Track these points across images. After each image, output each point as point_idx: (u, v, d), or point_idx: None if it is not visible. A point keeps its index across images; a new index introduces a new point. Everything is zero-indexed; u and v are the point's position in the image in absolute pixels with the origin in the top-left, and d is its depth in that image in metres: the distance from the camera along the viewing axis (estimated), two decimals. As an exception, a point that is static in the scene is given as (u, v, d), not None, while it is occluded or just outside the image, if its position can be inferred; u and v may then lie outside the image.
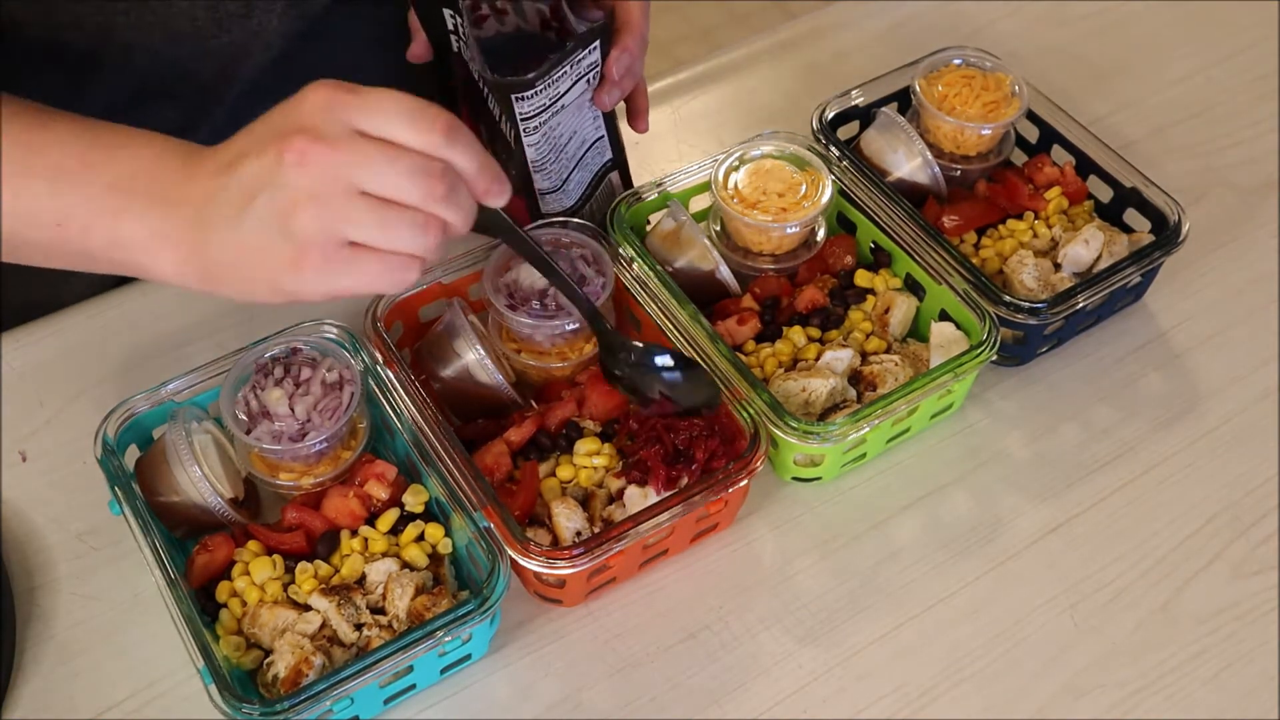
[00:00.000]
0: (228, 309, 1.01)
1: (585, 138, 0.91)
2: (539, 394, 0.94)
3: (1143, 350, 1.01)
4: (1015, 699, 0.84)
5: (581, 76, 0.87)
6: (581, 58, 0.85)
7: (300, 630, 0.80)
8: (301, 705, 0.74)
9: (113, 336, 0.99)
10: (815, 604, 0.87)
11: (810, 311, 0.96)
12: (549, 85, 0.86)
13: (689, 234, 0.98)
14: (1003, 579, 0.89)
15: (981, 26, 1.25)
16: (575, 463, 0.87)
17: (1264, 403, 0.98)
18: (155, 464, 0.85)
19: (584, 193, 0.94)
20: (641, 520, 0.82)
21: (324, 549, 0.84)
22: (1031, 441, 0.96)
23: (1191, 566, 0.89)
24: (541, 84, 0.86)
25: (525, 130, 0.87)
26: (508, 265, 0.93)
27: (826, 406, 0.91)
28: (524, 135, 0.88)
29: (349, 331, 0.90)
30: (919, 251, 0.96)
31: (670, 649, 0.85)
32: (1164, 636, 0.86)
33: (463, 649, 0.82)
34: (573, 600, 0.86)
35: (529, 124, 0.87)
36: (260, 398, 0.85)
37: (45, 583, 0.87)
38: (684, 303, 0.92)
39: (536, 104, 0.85)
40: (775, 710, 0.83)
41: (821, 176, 0.99)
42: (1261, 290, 1.05)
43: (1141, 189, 1.01)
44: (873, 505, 0.92)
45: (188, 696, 0.82)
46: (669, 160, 1.12)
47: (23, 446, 0.93)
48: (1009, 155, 1.07)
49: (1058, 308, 0.93)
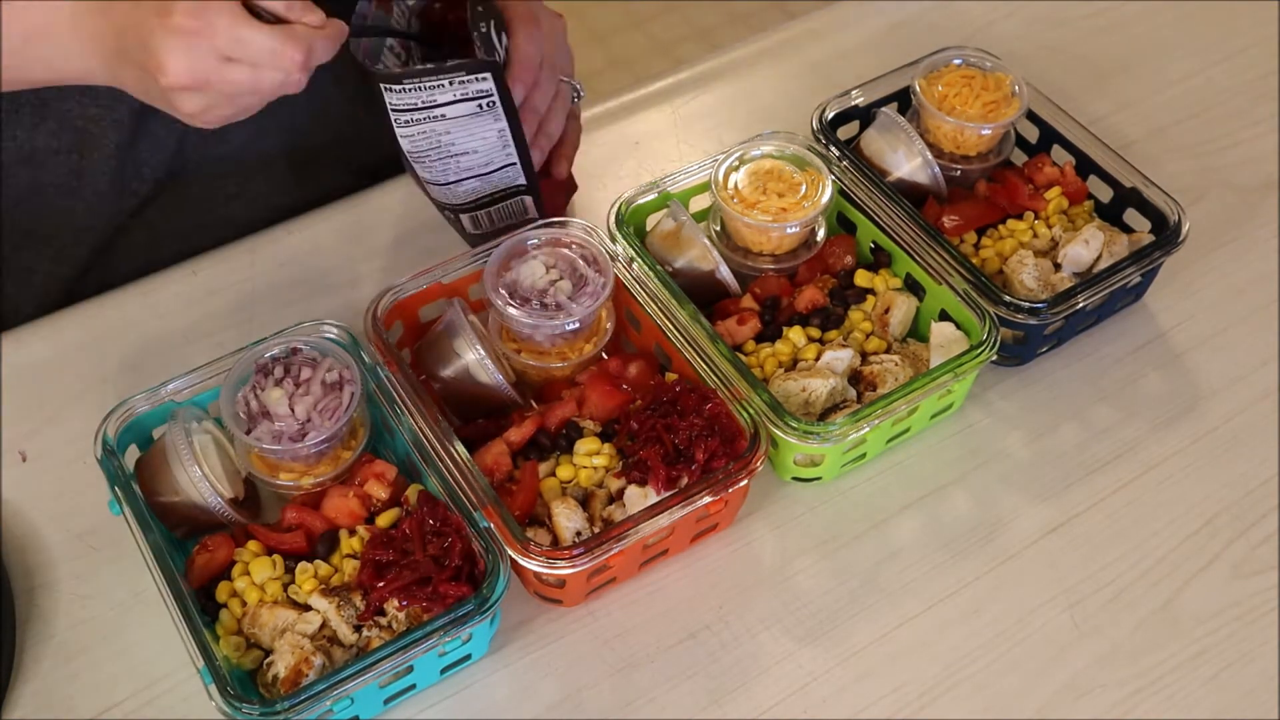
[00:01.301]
0: (228, 309, 1.01)
1: (490, 159, 0.92)
2: (539, 394, 0.94)
3: (1143, 350, 1.01)
4: (1015, 699, 0.84)
5: (469, 99, 0.88)
6: (465, 81, 0.87)
7: (300, 630, 0.80)
8: (301, 705, 0.74)
9: (113, 336, 0.99)
10: (815, 604, 0.87)
11: (810, 311, 0.96)
12: (420, 90, 0.88)
13: (689, 234, 0.98)
14: (1003, 579, 0.89)
15: (981, 26, 1.25)
16: (575, 463, 0.87)
17: (1264, 403, 0.98)
18: (155, 464, 0.85)
19: (478, 199, 0.95)
20: (641, 520, 0.82)
21: (324, 549, 0.84)
22: (1031, 441, 0.96)
23: (1191, 566, 0.89)
24: (410, 85, 0.88)
25: (396, 121, 0.89)
26: (508, 265, 0.93)
27: (826, 406, 0.91)
28: (395, 125, 0.90)
29: (349, 331, 0.90)
30: (919, 251, 0.96)
31: (670, 649, 0.85)
32: (1164, 636, 0.86)
33: (463, 649, 0.82)
34: (573, 600, 0.86)
35: (399, 117, 0.89)
36: (260, 398, 0.85)
37: (45, 583, 0.87)
38: (684, 303, 0.92)
39: (406, 102, 0.88)
40: (775, 710, 0.83)
41: (821, 176, 0.99)
42: (1261, 290, 1.05)
43: (1141, 189, 1.01)
44: (873, 505, 0.92)
45: (188, 696, 0.82)
46: (669, 160, 1.12)
47: (23, 446, 0.93)
48: (1009, 155, 1.07)
49: (1058, 308, 0.93)
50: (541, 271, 0.92)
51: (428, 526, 0.81)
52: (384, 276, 1.02)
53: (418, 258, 1.03)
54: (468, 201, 0.96)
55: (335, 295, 1.02)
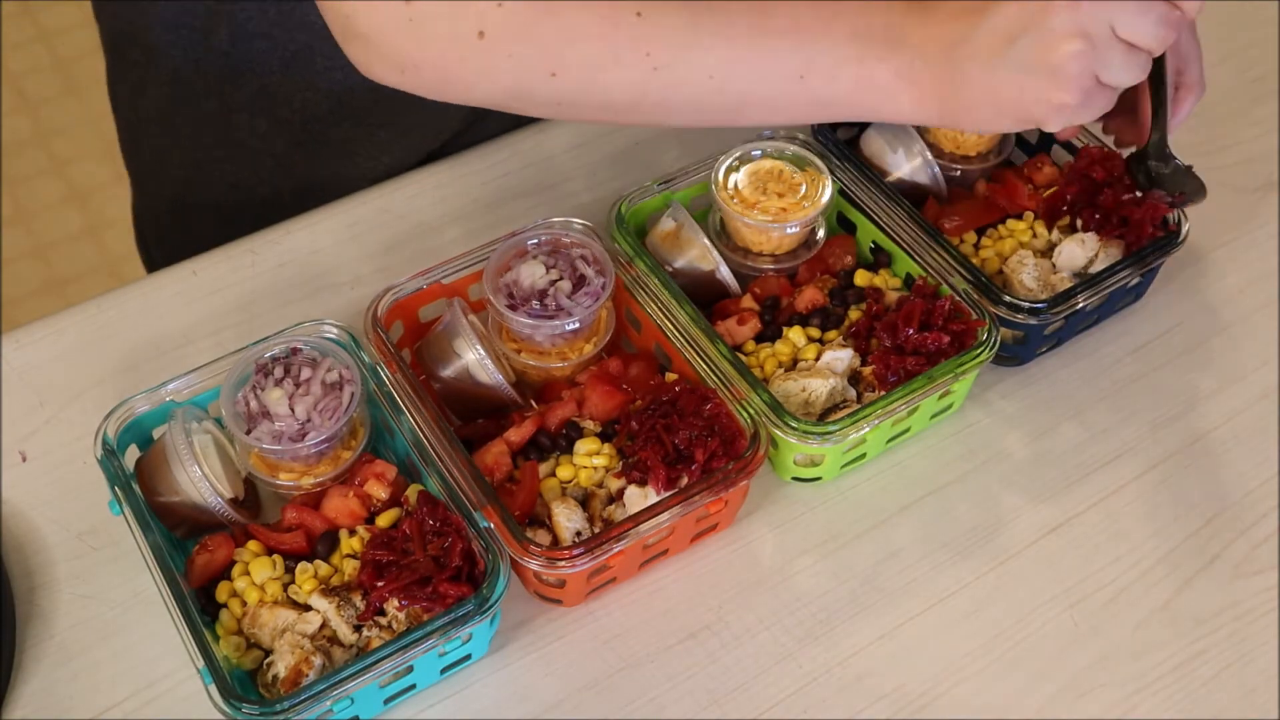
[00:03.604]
0: (228, 309, 1.01)
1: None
2: (539, 394, 0.94)
3: (1143, 350, 1.01)
4: (1015, 699, 0.84)
5: None
6: None
7: (300, 630, 0.80)
8: (301, 705, 0.74)
9: (113, 336, 0.99)
10: (815, 604, 0.87)
11: (810, 311, 0.96)
12: None
13: (689, 234, 0.98)
14: (1003, 579, 0.89)
15: (981, 26, 1.25)
16: (575, 463, 0.87)
17: (1264, 403, 0.98)
18: (155, 464, 0.85)
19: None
20: (641, 520, 0.82)
21: (324, 549, 0.84)
22: (1031, 441, 0.96)
23: (1191, 566, 0.90)
24: None
25: None
26: (508, 265, 0.93)
27: (826, 406, 0.91)
28: None
29: (349, 331, 0.90)
30: (919, 251, 0.96)
31: (670, 649, 0.85)
32: (1164, 636, 0.86)
33: (463, 649, 0.82)
34: (573, 600, 0.86)
35: None
36: (260, 398, 0.85)
37: (45, 583, 0.87)
38: (684, 303, 0.92)
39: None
40: (775, 710, 0.83)
41: (821, 176, 0.99)
42: (1261, 290, 1.05)
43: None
44: (873, 505, 0.92)
45: (188, 696, 0.82)
46: (669, 160, 1.12)
47: (23, 446, 0.93)
48: (1009, 155, 1.07)
49: (1058, 308, 0.93)
50: (541, 271, 0.92)
51: (428, 526, 0.81)
52: (384, 276, 1.02)
53: (418, 258, 1.03)
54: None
55: (335, 295, 1.02)
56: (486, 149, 1.11)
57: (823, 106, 0.81)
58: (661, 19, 0.77)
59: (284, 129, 1.06)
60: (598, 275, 0.93)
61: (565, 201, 1.08)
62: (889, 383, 0.89)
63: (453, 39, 0.77)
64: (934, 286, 0.94)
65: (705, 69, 0.78)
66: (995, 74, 0.77)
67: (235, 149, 1.08)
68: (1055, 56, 0.76)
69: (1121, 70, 0.77)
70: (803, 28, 0.78)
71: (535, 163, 1.11)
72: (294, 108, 1.04)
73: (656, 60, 0.78)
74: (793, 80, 0.79)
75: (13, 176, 2.40)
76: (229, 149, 1.09)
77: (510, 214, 1.07)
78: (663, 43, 0.78)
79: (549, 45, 0.77)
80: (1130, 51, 0.77)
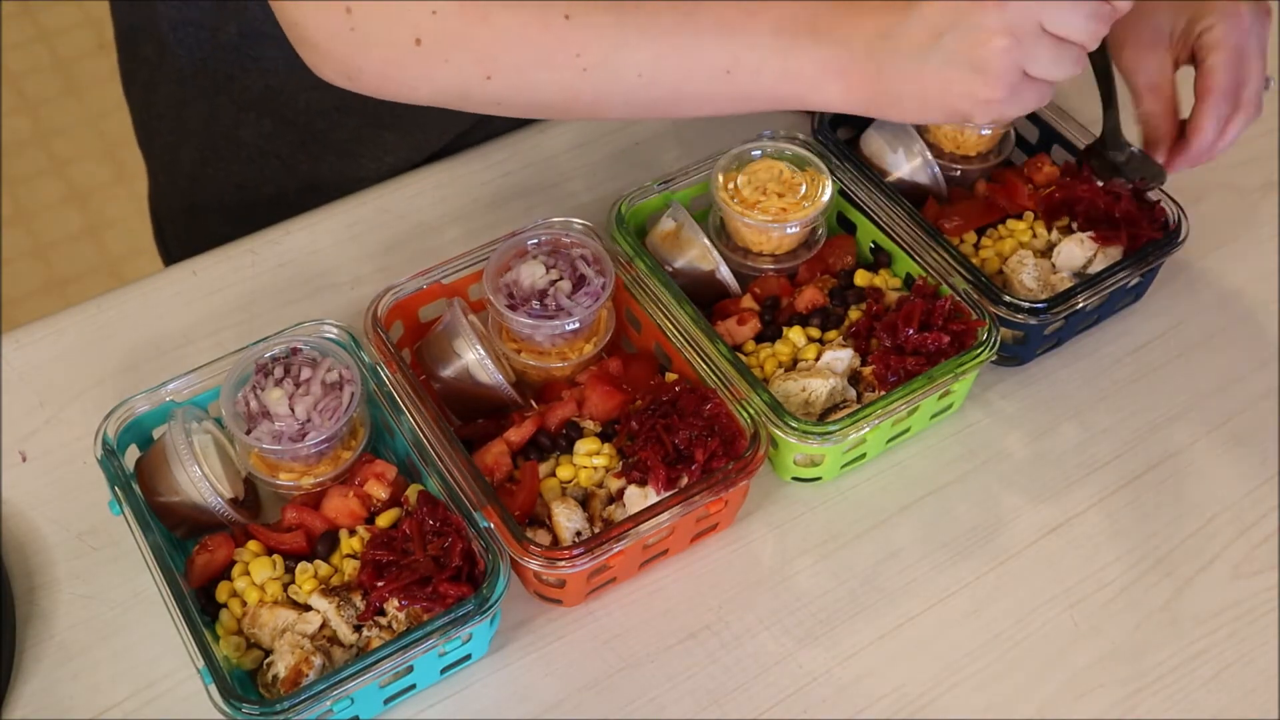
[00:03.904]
0: (228, 309, 1.01)
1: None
2: (539, 394, 0.94)
3: (1143, 350, 1.01)
4: (1015, 699, 0.84)
5: None
6: None
7: (300, 630, 0.80)
8: (301, 705, 0.74)
9: (113, 336, 0.99)
10: (815, 604, 0.87)
11: (810, 311, 0.96)
12: None
13: (689, 234, 0.98)
14: (1003, 579, 0.89)
15: (981, 26, 1.25)
16: (575, 463, 0.87)
17: (1264, 403, 0.98)
18: (155, 464, 0.85)
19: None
20: (641, 520, 0.82)
21: (324, 549, 0.84)
22: (1031, 441, 0.96)
23: (1191, 566, 0.90)
24: None
25: None
26: (508, 265, 0.93)
27: (826, 406, 0.91)
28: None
29: (349, 331, 0.90)
30: (919, 251, 0.96)
31: (670, 649, 0.85)
32: (1164, 636, 0.86)
33: (463, 649, 0.82)
34: (573, 600, 0.86)
35: None
36: (260, 398, 0.85)
37: (45, 583, 0.87)
38: (684, 303, 0.92)
39: None
40: (775, 710, 0.83)
41: (821, 176, 0.99)
42: (1261, 290, 1.05)
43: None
44: (873, 505, 0.92)
45: (188, 696, 0.82)
46: (669, 160, 1.12)
47: (23, 446, 0.93)
48: (1009, 155, 1.07)
49: (1058, 308, 0.93)
50: (541, 271, 0.92)
51: (428, 526, 0.81)
52: (384, 276, 1.02)
53: (418, 258, 1.03)
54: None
55: (335, 295, 1.02)
56: (486, 149, 1.11)
57: (751, 99, 0.82)
58: (590, 20, 0.78)
59: (289, 129, 1.06)
60: (598, 275, 0.93)
61: (565, 201, 1.08)
62: (889, 383, 0.89)
63: (391, 46, 0.78)
64: (934, 286, 0.94)
65: (634, 67, 0.79)
66: (921, 68, 0.77)
67: (241, 149, 1.09)
68: (981, 52, 0.76)
69: (1051, 65, 0.77)
70: (726, 23, 0.79)
71: (535, 163, 1.11)
72: (299, 107, 1.05)
73: (586, 61, 0.79)
74: (720, 75, 0.80)
75: (13, 176, 2.40)
76: (235, 148, 1.09)
77: (510, 214, 1.07)
78: (591, 44, 0.79)
79: (482, 50, 0.78)
80: (1059, 45, 0.77)
